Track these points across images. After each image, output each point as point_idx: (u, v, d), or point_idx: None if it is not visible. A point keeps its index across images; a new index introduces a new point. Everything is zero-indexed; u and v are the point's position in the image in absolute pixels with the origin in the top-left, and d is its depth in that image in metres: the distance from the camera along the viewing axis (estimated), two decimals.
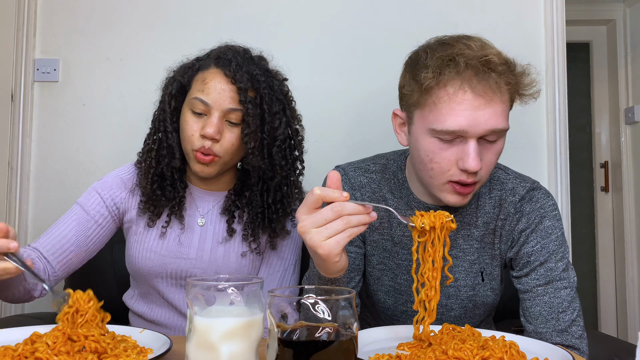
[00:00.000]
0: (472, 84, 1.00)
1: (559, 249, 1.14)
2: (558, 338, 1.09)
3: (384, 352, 0.88)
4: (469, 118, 1.00)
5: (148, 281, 1.30)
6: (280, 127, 1.25)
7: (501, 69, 1.02)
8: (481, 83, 1.01)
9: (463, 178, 1.04)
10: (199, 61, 1.29)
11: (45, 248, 1.24)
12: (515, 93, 1.06)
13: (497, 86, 1.01)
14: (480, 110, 1.01)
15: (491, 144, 1.05)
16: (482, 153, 1.04)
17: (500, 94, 1.02)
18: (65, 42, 1.95)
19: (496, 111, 1.02)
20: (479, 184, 1.08)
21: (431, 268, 0.90)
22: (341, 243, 0.86)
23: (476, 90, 1.00)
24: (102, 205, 1.29)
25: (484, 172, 1.06)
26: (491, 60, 1.01)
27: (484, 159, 1.05)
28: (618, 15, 3.38)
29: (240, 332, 0.70)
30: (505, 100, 1.04)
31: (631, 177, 3.26)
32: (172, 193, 1.28)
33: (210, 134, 1.19)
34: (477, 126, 1.01)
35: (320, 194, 0.87)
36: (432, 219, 0.90)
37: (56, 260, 1.24)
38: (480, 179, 1.07)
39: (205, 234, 1.31)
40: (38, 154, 1.95)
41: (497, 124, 1.02)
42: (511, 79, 1.03)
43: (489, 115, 1.01)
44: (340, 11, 1.96)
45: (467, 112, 1.01)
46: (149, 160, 1.28)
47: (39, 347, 0.76)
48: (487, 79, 1.01)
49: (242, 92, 1.20)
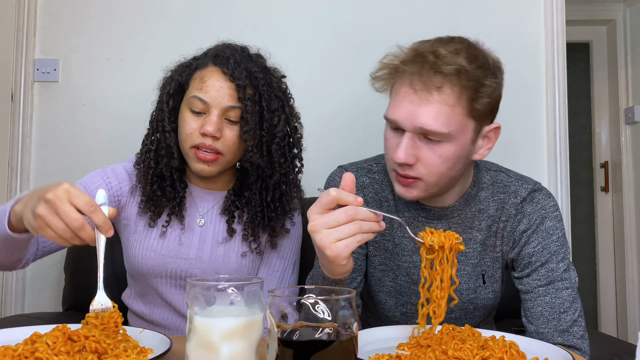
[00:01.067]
0: (414, 80, 1.02)
1: (560, 250, 1.14)
2: (559, 338, 1.09)
3: (384, 352, 0.87)
4: (404, 111, 1.03)
5: (147, 281, 1.29)
6: (279, 124, 1.25)
7: (443, 69, 1.00)
8: (421, 80, 1.02)
9: (398, 169, 1.07)
10: (196, 60, 1.28)
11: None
12: (470, 101, 1.03)
13: (434, 86, 1.01)
14: (413, 105, 1.02)
15: (432, 144, 1.03)
16: (419, 150, 1.04)
17: (438, 94, 1.01)
18: (65, 42, 1.95)
19: (431, 111, 1.01)
20: (423, 182, 1.06)
21: (439, 286, 0.91)
22: (350, 247, 0.86)
23: (415, 86, 1.02)
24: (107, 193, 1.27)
25: (424, 171, 1.05)
26: (431, 60, 1.01)
27: (423, 157, 1.04)
28: (618, 15, 3.38)
29: (240, 332, 0.70)
30: (447, 103, 1.01)
31: (631, 177, 3.26)
32: (172, 193, 1.28)
33: (211, 132, 1.18)
34: (407, 120, 1.03)
35: (336, 195, 0.87)
36: (441, 238, 0.90)
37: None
38: (421, 176, 1.05)
39: (205, 234, 1.30)
40: (38, 154, 1.95)
41: (426, 123, 1.01)
42: (455, 84, 1.01)
43: (419, 112, 1.01)
44: (341, 11, 1.96)
45: (404, 105, 1.03)
46: (148, 160, 1.27)
47: (39, 347, 0.76)
48: (425, 76, 1.01)
49: (241, 90, 1.19)
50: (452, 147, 1.04)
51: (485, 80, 1.03)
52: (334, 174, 1.27)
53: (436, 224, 1.18)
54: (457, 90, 1.01)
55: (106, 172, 1.29)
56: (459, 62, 1.01)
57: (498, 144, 1.90)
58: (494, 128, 1.11)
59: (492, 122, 1.10)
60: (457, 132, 1.03)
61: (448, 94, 1.01)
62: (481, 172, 1.20)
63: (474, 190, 1.18)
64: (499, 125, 1.11)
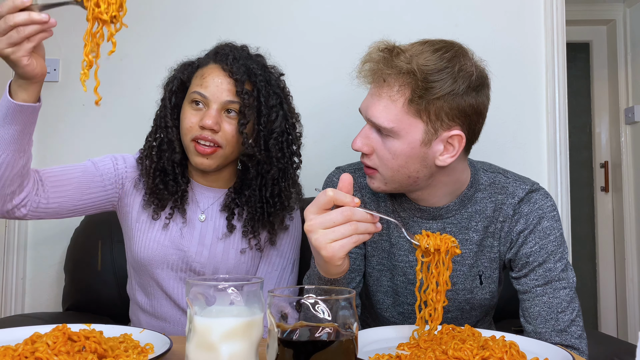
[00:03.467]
0: (374, 74, 1.08)
1: (557, 250, 1.14)
2: (557, 338, 1.09)
3: (384, 352, 0.88)
4: (364, 103, 1.10)
5: (148, 271, 1.31)
6: (276, 120, 1.28)
7: (399, 67, 1.02)
8: (377, 74, 1.07)
9: (360, 158, 1.13)
10: (199, 59, 1.33)
11: (46, 174, 1.20)
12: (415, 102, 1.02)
13: (387, 83, 1.04)
14: (370, 98, 1.08)
15: (384, 138, 1.07)
16: (373, 141, 1.08)
17: (390, 90, 1.04)
18: (65, 42, 1.95)
19: (379, 105, 1.05)
20: (380, 175, 1.10)
21: (435, 289, 0.91)
22: (346, 248, 0.87)
23: (375, 79, 1.08)
24: (113, 173, 1.31)
25: (378, 163, 1.09)
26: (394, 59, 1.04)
27: (376, 149, 1.08)
28: (618, 15, 3.38)
29: (240, 332, 0.70)
30: (393, 99, 1.04)
31: (631, 177, 3.26)
32: (175, 187, 1.30)
33: (209, 125, 1.21)
34: (364, 111, 1.09)
35: (333, 196, 0.88)
36: (437, 241, 0.90)
37: (52, 188, 1.19)
38: (377, 167, 1.09)
39: (206, 230, 1.32)
40: (38, 154, 1.94)
41: (374, 116, 1.06)
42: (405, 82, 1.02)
43: (372, 105, 1.07)
44: (341, 12, 1.96)
45: (366, 97, 1.11)
46: (151, 156, 1.31)
47: (39, 347, 0.76)
48: (381, 72, 1.05)
49: (239, 84, 1.23)
50: (399, 144, 1.05)
51: (434, 80, 1.01)
52: (331, 175, 1.28)
53: (431, 224, 1.18)
54: (398, 87, 1.03)
55: (116, 156, 1.34)
56: (416, 61, 1.02)
57: (498, 143, 1.92)
58: (455, 135, 1.05)
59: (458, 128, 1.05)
60: (402, 129, 1.04)
61: (392, 89, 1.04)
62: (479, 173, 1.20)
63: (470, 191, 1.18)
64: (462, 134, 1.05)
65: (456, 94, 1.03)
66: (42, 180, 1.19)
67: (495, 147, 1.90)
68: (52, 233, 1.92)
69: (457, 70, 1.03)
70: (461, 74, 1.03)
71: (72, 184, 1.23)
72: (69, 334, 0.80)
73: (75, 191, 1.24)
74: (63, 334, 0.79)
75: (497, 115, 1.85)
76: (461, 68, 1.04)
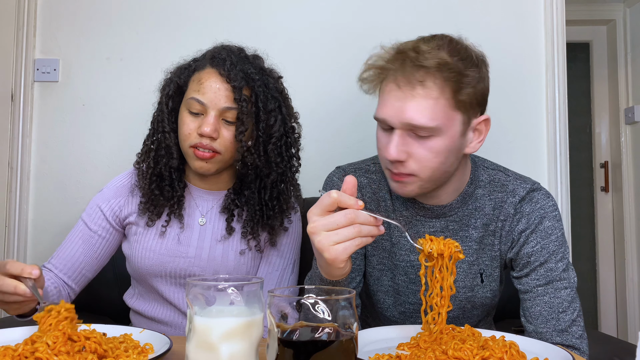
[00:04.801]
0: (397, 77, 1.04)
1: (559, 249, 1.14)
2: (558, 338, 1.09)
3: (384, 352, 0.87)
4: (391, 109, 1.04)
5: (147, 280, 1.31)
6: (275, 124, 1.27)
7: (425, 64, 1.01)
8: (405, 76, 1.03)
9: (390, 166, 1.07)
10: (195, 62, 1.31)
11: (59, 269, 1.30)
12: (453, 93, 1.03)
13: (417, 81, 1.02)
14: (401, 102, 1.03)
15: (422, 139, 1.04)
16: (410, 146, 1.04)
17: (421, 88, 1.02)
18: (65, 42, 1.95)
19: (417, 106, 1.02)
20: (417, 178, 1.07)
21: (439, 294, 0.91)
22: (348, 250, 0.86)
23: (399, 83, 1.03)
24: (103, 219, 1.32)
25: (417, 167, 1.05)
26: (411, 55, 1.02)
27: (414, 153, 1.04)
28: (618, 15, 3.38)
29: (240, 332, 0.70)
30: (431, 97, 1.02)
31: (631, 177, 3.26)
32: (171, 193, 1.30)
33: (207, 133, 1.20)
34: (394, 117, 1.03)
35: (336, 197, 0.87)
36: (440, 246, 0.90)
37: (71, 279, 1.30)
38: (414, 173, 1.06)
39: (205, 233, 1.31)
40: (38, 154, 1.95)
41: (412, 118, 1.01)
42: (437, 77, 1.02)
43: (405, 108, 1.02)
44: (340, 12, 1.96)
45: (390, 102, 1.04)
46: (148, 160, 1.30)
47: (39, 347, 0.76)
48: (408, 72, 1.02)
49: (237, 91, 1.22)
50: (442, 140, 1.04)
51: (467, 71, 1.04)
52: (332, 175, 1.28)
53: (434, 222, 1.18)
54: (439, 83, 1.02)
55: (97, 202, 1.34)
56: (441, 56, 1.02)
57: (498, 143, 1.92)
58: (483, 120, 1.10)
59: (481, 114, 1.10)
60: (444, 125, 1.03)
61: (431, 87, 1.02)
62: (479, 169, 1.20)
63: (471, 188, 1.18)
64: (489, 117, 1.11)
65: (481, 79, 1.06)
66: (62, 279, 1.30)
67: (495, 147, 1.90)
68: (52, 233, 1.92)
69: (475, 58, 1.07)
70: (479, 60, 1.07)
71: (83, 261, 1.31)
72: (68, 334, 0.80)
73: (88, 261, 1.32)
74: (63, 334, 0.79)
75: (497, 115, 1.85)
76: (476, 55, 1.07)
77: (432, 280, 0.91)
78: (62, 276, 1.30)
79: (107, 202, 1.33)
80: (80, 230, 1.33)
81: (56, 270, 1.30)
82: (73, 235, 1.33)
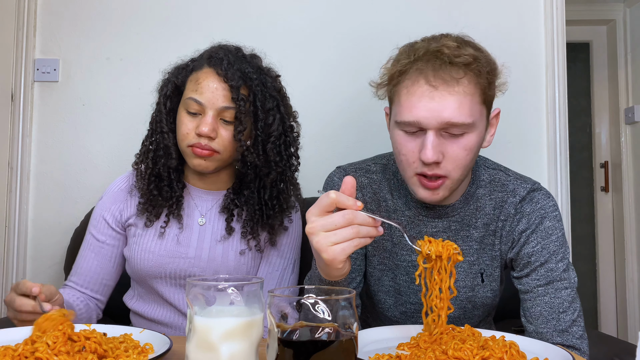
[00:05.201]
0: (427, 76, 1.01)
1: (559, 250, 1.14)
2: (559, 338, 1.09)
3: (384, 352, 0.87)
4: (423, 110, 1.01)
5: (147, 282, 1.30)
6: (274, 123, 1.27)
7: (459, 60, 1.01)
8: (436, 75, 1.01)
9: (425, 170, 1.05)
10: (192, 62, 1.31)
11: (80, 285, 1.32)
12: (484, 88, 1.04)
13: (453, 78, 1.01)
14: (435, 101, 1.00)
15: (456, 138, 1.03)
16: (444, 146, 1.03)
17: (457, 85, 1.01)
18: (65, 42, 1.95)
19: (452, 103, 1.00)
20: (448, 180, 1.06)
21: (438, 295, 0.91)
22: (346, 251, 0.86)
23: (430, 82, 1.01)
24: (108, 228, 1.33)
25: (451, 167, 1.04)
26: (446, 53, 1.01)
27: (448, 152, 1.03)
28: (618, 15, 3.38)
29: (240, 332, 0.70)
30: (468, 93, 1.01)
31: (631, 177, 3.26)
32: (169, 193, 1.30)
33: (205, 133, 1.20)
34: (430, 118, 1.01)
35: (335, 198, 0.87)
36: (439, 248, 0.90)
37: (94, 291, 1.33)
38: (448, 174, 1.05)
39: (204, 233, 1.31)
40: (38, 154, 1.95)
41: (452, 116, 1.00)
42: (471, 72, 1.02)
43: (443, 107, 1.00)
44: (340, 12, 1.96)
45: (421, 103, 1.01)
46: (146, 161, 1.30)
47: (39, 347, 0.76)
48: (442, 70, 1.01)
49: (234, 90, 1.22)
50: (474, 136, 1.05)
51: (494, 65, 1.07)
52: (332, 175, 1.27)
53: (437, 222, 1.18)
54: (474, 79, 1.03)
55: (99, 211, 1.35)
56: (470, 52, 1.03)
57: (498, 143, 1.91)
58: (496, 113, 1.13)
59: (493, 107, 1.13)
60: (478, 120, 1.05)
61: (466, 84, 1.02)
62: (480, 169, 1.20)
63: (472, 188, 1.18)
64: (499, 109, 1.13)
65: (497, 75, 1.08)
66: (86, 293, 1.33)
67: (495, 147, 1.89)
68: (52, 233, 1.92)
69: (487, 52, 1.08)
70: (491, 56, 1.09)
71: (101, 272, 1.33)
72: (68, 334, 0.80)
73: (106, 271, 1.34)
74: (63, 334, 0.79)
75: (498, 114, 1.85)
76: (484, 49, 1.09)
77: (431, 282, 0.91)
78: (84, 291, 1.32)
79: (109, 210, 1.34)
80: (90, 244, 1.34)
81: (77, 286, 1.32)
82: (84, 250, 1.34)
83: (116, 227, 1.33)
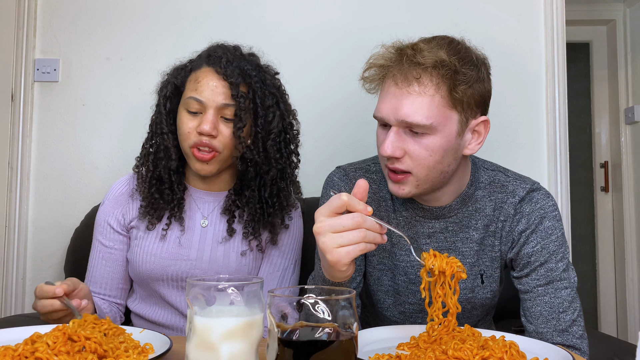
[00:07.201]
0: (395, 75, 1.05)
1: (559, 249, 1.14)
2: (559, 338, 1.09)
3: (384, 352, 0.87)
4: (387, 106, 1.05)
5: (149, 284, 1.31)
6: (273, 120, 1.28)
7: (419, 61, 1.02)
8: (402, 74, 1.04)
9: (388, 164, 1.08)
10: (191, 62, 1.32)
11: (96, 292, 1.33)
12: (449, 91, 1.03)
13: (413, 78, 1.02)
14: (395, 99, 1.04)
15: (417, 137, 1.04)
16: (405, 143, 1.05)
17: (417, 85, 1.02)
18: (65, 42, 1.95)
19: (412, 103, 1.02)
20: (412, 176, 1.07)
21: (440, 308, 0.91)
22: (352, 254, 0.86)
23: (396, 80, 1.05)
24: (114, 232, 1.34)
25: (413, 164, 1.06)
26: (409, 53, 1.03)
27: (409, 149, 1.05)
28: (618, 15, 3.38)
29: (240, 332, 0.70)
30: (427, 94, 1.02)
31: (631, 177, 3.26)
32: (170, 196, 1.30)
33: (207, 131, 1.20)
34: (390, 114, 1.04)
35: (346, 200, 0.87)
36: (443, 264, 0.90)
37: (111, 297, 1.34)
38: (410, 170, 1.06)
39: (206, 235, 1.31)
40: (38, 154, 1.95)
41: (407, 115, 1.02)
42: (431, 74, 1.02)
43: (400, 105, 1.03)
44: (339, 11, 1.96)
45: (387, 100, 1.06)
46: (147, 164, 1.30)
47: (39, 347, 0.76)
48: (406, 70, 1.03)
49: (234, 87, 1.22)
50: (437, 139, 1.05)
51: (464, 69, 1.04)
52: (332, 175, 1.27)
53: (434, 223, 1.18)
54: (435, 80, 1.03)
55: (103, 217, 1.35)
56: (438, 54, 1.03)
57: (498, 143, 1.92)
58: (482, 122, 1.10)
59: (481, 115, 1.10)
60: (440, 123, 1.04)
61: (426, 85, 1.02)
62: (479, 171, 1.20)
63: (471, 190, 1.18)
64: (488, 119, 1.11)
65: (479, 80, 1.07)
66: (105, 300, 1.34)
67: (495, 147, 1.90)
68: (52, 233, 1.92)
69: (475, 59, 1.07)
70: (479, 61, 1.08)
71: (114, 277, 1.34)
72: (69, 334, 0.80)
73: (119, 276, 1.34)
74: (63, 334, 0.79)
75: (497, 115, 1.86)
76: (476, 56, 1.08)
77: (434, 295, 0.92)
78: (102, 297, 1.32)
79: (112, 215, 1.34)
80: (98, 251, 1.34)
81: (96, 295, 1.32)
82: (94, 258, 1.34)
83: (121, 231, 1.34)
